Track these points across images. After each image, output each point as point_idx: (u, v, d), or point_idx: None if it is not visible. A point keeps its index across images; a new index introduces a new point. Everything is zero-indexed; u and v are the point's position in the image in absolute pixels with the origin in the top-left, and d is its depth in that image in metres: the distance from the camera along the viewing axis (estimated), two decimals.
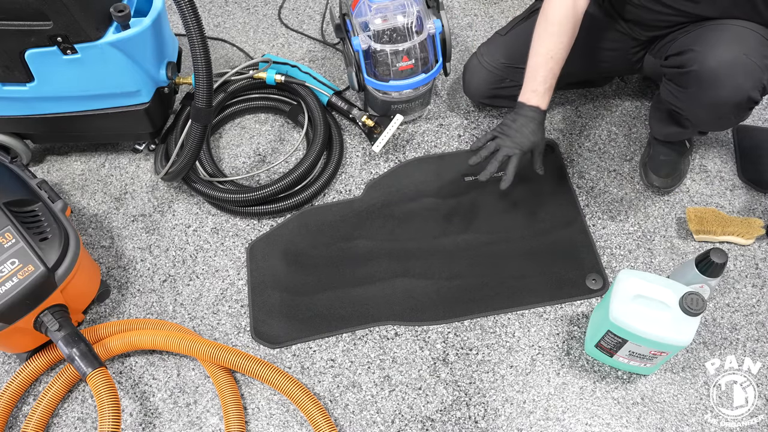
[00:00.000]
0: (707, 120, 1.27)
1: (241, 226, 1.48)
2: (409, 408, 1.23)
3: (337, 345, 1.31)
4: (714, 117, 1.24)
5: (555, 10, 1.22)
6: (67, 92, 1.34)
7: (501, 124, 1.30)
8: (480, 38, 1.80)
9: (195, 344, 1.23)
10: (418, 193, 1.50)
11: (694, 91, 1.16)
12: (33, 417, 1.18)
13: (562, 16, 1.21)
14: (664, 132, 1.42)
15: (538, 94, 1.25)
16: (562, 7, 1.21)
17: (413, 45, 1.41)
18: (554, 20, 1.22)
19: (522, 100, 1.27)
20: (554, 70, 1.24)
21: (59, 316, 1.16)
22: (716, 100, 1.15)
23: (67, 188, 1.56)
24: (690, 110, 1.22)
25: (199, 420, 1.23)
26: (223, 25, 1.88)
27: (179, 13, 1.21)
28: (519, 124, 1.26)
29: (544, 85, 1.24)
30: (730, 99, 1.13)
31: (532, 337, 1.30)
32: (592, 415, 1.21)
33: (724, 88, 1.12)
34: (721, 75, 1.11)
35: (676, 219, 1.45)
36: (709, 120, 1.27)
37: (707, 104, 1.18)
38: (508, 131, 1.28)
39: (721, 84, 1.12)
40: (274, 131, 1.65)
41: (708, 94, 1.15)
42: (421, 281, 1.37)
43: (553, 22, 1.22)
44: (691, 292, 1.05)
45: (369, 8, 1.42)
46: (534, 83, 1.25)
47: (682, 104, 1.21)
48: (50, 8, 1.16)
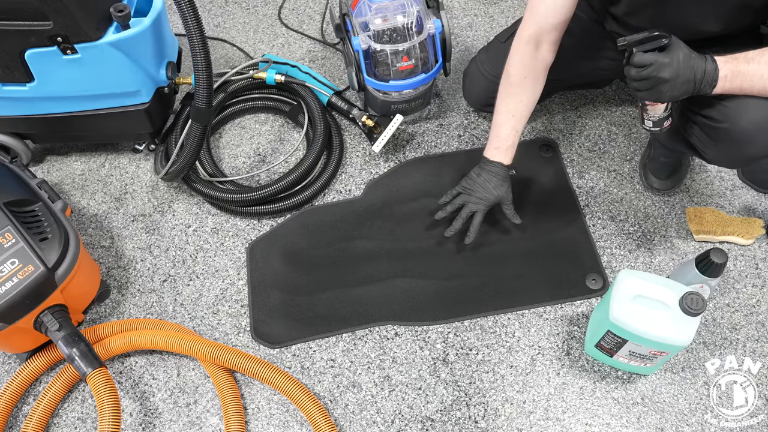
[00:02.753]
0: (728, 164, 1.27)
1: (241, 226, 1.48)
2: (409, 408, 1.23)
3: (337, 345, 1.31)
4: (736, 164, 1.30)
5: (516, 69, 1.24)
6: (67, 92, 1.34)
7: (466, 178, 1.34)
8: (480, 38, 1.80)
9: (195, 344, 1.23)
10: (418, 193, 1.50)
11: (725, 145, 1.16)
12: (33, 417, 1.18)
13: (522, 76, 1.24)
14: (674, 146, 1.40)
15: (501, 150, 1.29)
16: (523, 67, 1.23)
17: (413, 45, 1.41)
18: (514, 80, 1.25)
19: (486, 155, 1.32)
20: (516, 127, 1.28)
21: (59, 316, 1.16)
22: (744, 156, 1.16)
23: (67, 188, 1.56)
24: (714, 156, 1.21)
25: (199, 420, 1.23)
26: (223, 25, 1.88)
27: (179, 13, 1.21)
28: (483, 179, 1.31)
29: (506, 143, 1.28)
30: (759, 155, 1.14)
31: (532, 337, 1.30)
32: (592, 415, 1.21)
33: (754, 147, 1.12)
34: (753, 135, 1.10)
35: (676, 219, 1.45)
36: (730, 165, 1.30)
37: (735, 157, 1.18)
38: (473, 186, 1.32)
39: (752, 144, 1.12)
40: (274, 131, 1.65)
41: (738, 150, 1.15)
42: (421, 281, 1.37)
43: (513, 83, 1.25)
44: (691, 292, 1.05)
45: (369, 8, 1.42)
46: (497, 140, 1.29)
47: (706, 149, 1.20)
48: (50, 8, 1.16)
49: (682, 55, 1.03)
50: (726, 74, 1.04)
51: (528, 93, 1.26)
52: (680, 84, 1.04)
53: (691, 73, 1.04)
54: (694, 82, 1.04)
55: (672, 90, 1.04)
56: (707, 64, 1.04)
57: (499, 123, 1.29)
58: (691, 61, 1.03)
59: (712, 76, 1.04)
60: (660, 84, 1.03)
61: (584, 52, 1.38)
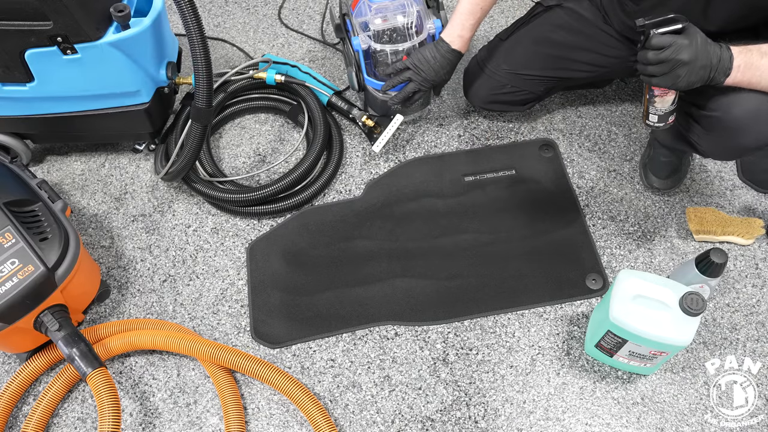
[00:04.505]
0: (722, 156, 1.27)
1: (241, 226, 1.48)
2: (409, 408, 1.23)
3: (337, 345, 1.31)
4: (730, 156, 1.28)
5: None
6: (67, 92, 1.34)
7: (418, 55, 1.36)
8: (480, 38, 1.80)
9: (195, 344, 1.23)
10: (418, 193, 1.50)
11: (717, 134, 1.16)
12: (33, 417, 1.18)
13: None
14: (670, 143, 1.41)
15: (464, 39, 1.34)
16: None
17: (413, 45, 1.41)
18: None
19: (447, 40, 1.34)
20: (480, 20, 1.34)
21: (59, 316, 1.16)
22: (737, 145, 1.15)
23: (67, 188, 1.56)
24: (707, 147, 1.21)
25: (199, 420, 1.23)
26: (223, 25, 1.88)
27: (179, 13, 1.21)
28: (438, 64, 1.35)
29: (471, 32, 1.34)
30: (751, 145, 1.14)
31: (532, 337, 1.30)
32: (592, 415, 1.21)
33: (747, 136, 1.12)
34: (745, 124, 1.10)
35: (676, 219, 1.45)
36: (724, 157, 1.29)
37: (728, 147, 1.18)
38: (424, 67, 1.35)
39: (744, 132, 1.11)
40: (274, 131, 1.65)
41: (730, 139, 1.14)
42: (421, 281, 1.37)
43: None
44: (691, 292, 1.05)
45: (369, 8, 1.42)
46: (462, 29, 1.33)
47: (700, 140, 1.20)
48: (50, 8, 1.16)
49: (700, 38, 1.02)
50: (740, 65, 1.03)
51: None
52: (698, 68, 1.02)
53: (708, 59, 1.02)
54: (710, 68, 1.03)
55: (689, 75, 1.02)
56: (723, 52, 1.03)
57: (466, 11, 1.32)
58: (708, 46, 1.02)
59: (727, 64, 1.03)
60: (678, 67, 1.01)
61: (586, 49, 1.38)
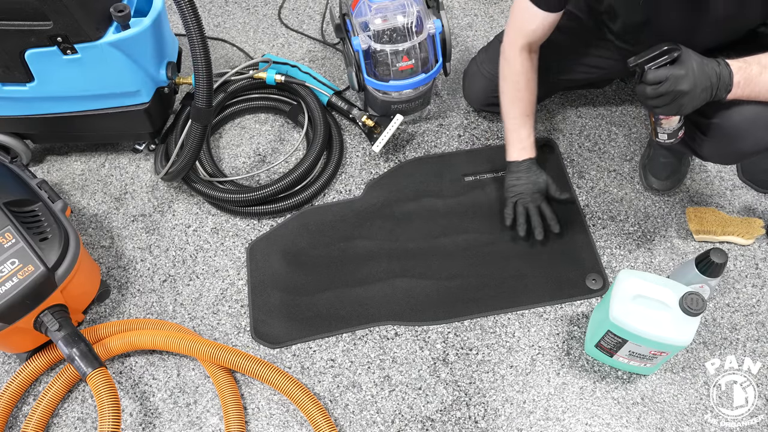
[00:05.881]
0: (722, 161, 1.28)
1: (241, 226, 1.48)
2: (409, 408, 1.23)
3: (337, 345, 1.31)
4: (729, 160, 1.30)
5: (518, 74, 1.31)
6: (67, 92, 1.34)
7: (510, 190, 1.38)
8: (480, 38, 1.80)
9: (195, 344, 1.23)
10: (418, 193, 1.50)
11: (716, 140, 1.16)
12: (33, 417, 1.18)
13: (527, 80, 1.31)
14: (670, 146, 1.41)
15: (526, 149, 1.36)
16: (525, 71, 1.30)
17: (413, 45, 1.41)
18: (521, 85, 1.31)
19: (515, 158, 1.36)
20: (533, 125, 1.36)
21: (59, 316, 1.16)
22: (736, 150, 1.16)
23: (67, 188, 1.56)
24: (707, 152, 1.21)
25: (199, 420, 1.23)
26: (223, 25, 1.88)
27: (179, 13, 1.21)
28: (526, 179, 1.36)
29: (528, 141, 1.36)
30: (750, 150, 1.14)
31: (532, 337, 1.30)
32: (592, 415, 1.21)
33: (745, 142, 1.12)
34: (744, 130, 1.10)
35: (676, 219, 1.45)
36: (724, 161, 1.29)
37: (727, 152, 1.18)
38: (522, 189, 1.36)
39: (743, 138, 1.12)
40: (274, 131, 1.65)
41: (730, 145, 1.15)
42: (421, 281, 1.37)
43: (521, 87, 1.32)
44: (691, 292, 1.05)
45: (369, 8, 1.42)
46: (520, 143, 1.36)
47: (700, 146, 1.20)
48: (50, 8, 1.16)
49: (696, 63, 1.01)
50: (739, 81, 1.03)
51: (534, 92, 1.34)
52: (699, 93, 1.02)
53: (707, 81, 1.01)
54: (711, 88, 1.02)
55: (692, 101, 1.02)
56: (721, 68, 1.02)
57: (517, 126, 1.35)
58: (705, 68, 1.01)
59: (727, 80, 1.03)
60: (679, 97, 1.01)
61: (584, 51, 1.39)
